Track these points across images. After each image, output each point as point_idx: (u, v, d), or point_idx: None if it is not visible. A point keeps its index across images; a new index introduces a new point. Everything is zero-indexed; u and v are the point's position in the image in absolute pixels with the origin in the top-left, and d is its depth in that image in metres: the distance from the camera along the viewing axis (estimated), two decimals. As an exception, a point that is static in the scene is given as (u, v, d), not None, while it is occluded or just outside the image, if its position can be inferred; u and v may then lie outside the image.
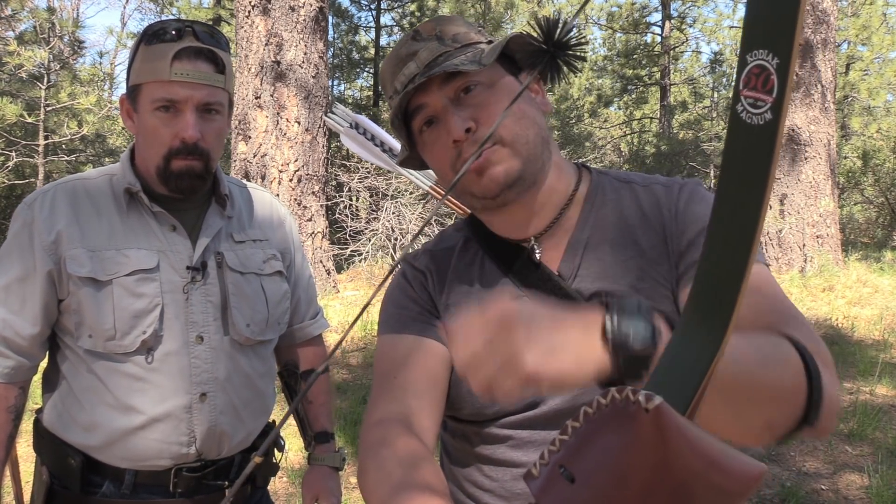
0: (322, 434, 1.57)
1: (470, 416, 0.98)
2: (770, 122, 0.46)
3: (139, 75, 1.24)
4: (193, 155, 1.25)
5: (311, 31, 7.21)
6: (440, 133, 0.93)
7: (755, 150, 0.47)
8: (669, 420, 0.43)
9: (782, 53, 0.45)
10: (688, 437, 0.43)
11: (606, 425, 0.47)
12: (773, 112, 0.46)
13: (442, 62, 0.91)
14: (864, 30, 15.08)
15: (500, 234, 0.99)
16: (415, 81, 0.91)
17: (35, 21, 11.53)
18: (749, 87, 0.46)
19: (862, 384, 4.87)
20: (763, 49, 0.46)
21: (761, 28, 0.46)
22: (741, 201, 0.47)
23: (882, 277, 8.60)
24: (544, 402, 0.93)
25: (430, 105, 0.93)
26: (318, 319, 1.60)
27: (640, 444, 0.44)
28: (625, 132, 19.81)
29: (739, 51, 0.49)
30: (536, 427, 0.95)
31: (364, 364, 5.34)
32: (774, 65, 0.46)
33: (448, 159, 0.93)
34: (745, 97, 0.47)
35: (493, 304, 0.72)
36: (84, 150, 12.53)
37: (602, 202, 0.98)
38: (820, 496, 3.27)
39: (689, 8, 18.31)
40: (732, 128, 0.48)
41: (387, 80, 0.98)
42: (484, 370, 0.71)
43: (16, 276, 1.26)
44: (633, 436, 0.45)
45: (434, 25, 0.95)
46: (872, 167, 13.43)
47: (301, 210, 7.23)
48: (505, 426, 0.96)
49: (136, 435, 1.25)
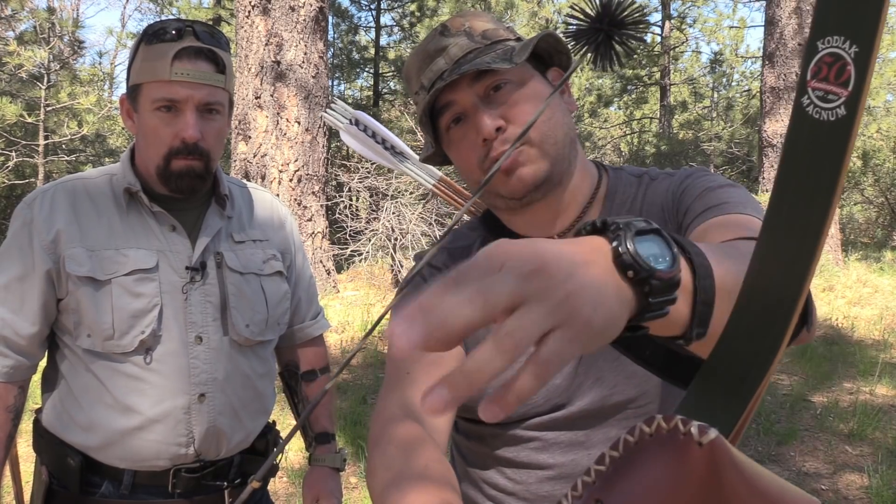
0: (323, 435, 1.57)
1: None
2: (844, 118, 0.40)
3: (139, 75, 1.24)
4: (194, 155, 1.25)
5: (311, 31, 7.21)
6: (468, 131, 0.91)
7: (823, 151, 0.40)
8: (725, 456, 0.38)
9: (863, 41, 0.39)
10: (745, 476, 0.37)
11: (650, 457, 0.40)
12: (847, 108, 0.40)
13: (472, 59, 0.89)
14: (864, 30, 15.06)
15: (522, 233, 0.98)
16: (444, 78, 0.89)
17: (35, 21, 11.52)
18: (819, 78, 0.40)
19: (862, 384, 4.87)
20: (839, 35, 0.40)
21: (838, 10, 0.39)
22: (803, 207, 0.41)
23: (882, 277, 8.60)
24: (571, 402, 0.92)
25: (459, 102, 0.91)
26: (318, 320, 1.60)
27: (689, 481, 0.39)
28: (625, 132, 19.80)
29: (809, 36, 0.42)
30: (562, 428, 0.94)
31: (364, 364, 5.34)
32: (852, 54, 0.39)
33: (475, 158, 0.91)
34: (814, 89, 0.41)
35: None
36: (84, 150, 12.52)
37: (621, 201, 0.97)
38: (820, 496, 3.27)
39: (689, 8, 18.31)
40: (796, 123, 0.41)
41: (412, 76, 0.97)
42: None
43: (15, 276, 1.26)
44: (681, 470, 0.39)
45: (463, 21, 0.94)
46: (872, 167, 13.42)
47: (301, 210, 7.23)
48: (529, 428, 0.94)
49: (134, 435, 1.25)
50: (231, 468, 1.37)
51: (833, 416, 4.28)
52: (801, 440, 3.91)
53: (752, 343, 0.42)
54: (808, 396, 4.64)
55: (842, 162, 0.39)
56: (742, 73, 18.83)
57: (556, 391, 0.92)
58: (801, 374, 5.14)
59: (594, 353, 0.88)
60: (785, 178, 0.42)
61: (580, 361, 0.92)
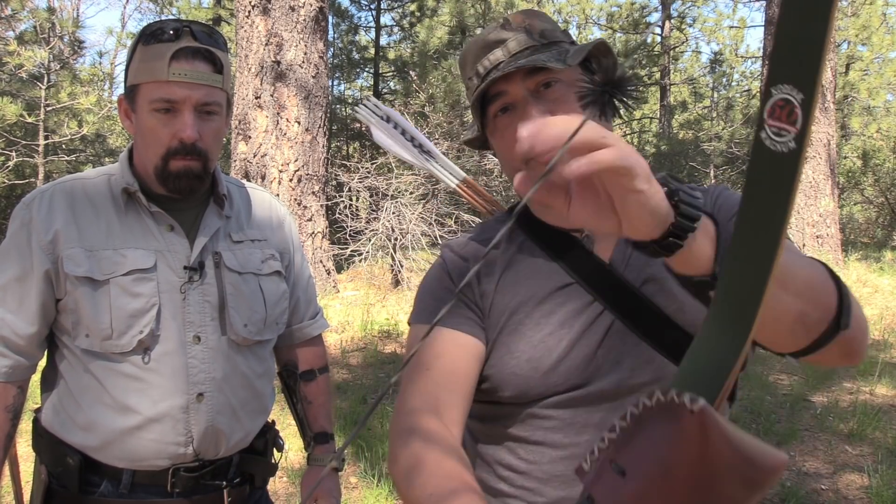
0: (321, 434, 1.57)
1: (511, 399, 0.98)
2: (794, 150, 0.49)
3: (137, 76, 1.24)
4: (192, 155, 1.25)
5: (311, 31, 7.20)
6: (514, 121, 0.96)
7: (778, 176, 0.50)
8: (711, 420, 0.47)
9: (807, 90, 0.49)
10: (727, 436, 0.47)
11: (652, 423, 0.50)
12: (796, 142, 0.49)
13: (528, 55, 0.95)
14: (863, 30, 15.06)
15: (554, 223, 1.02)
16: (501, 69, 0.95)
17: (35, 21, 11.52)
18: (774, 118, 0.50)
19: (862, 384, 4.87)
20: (788, 84, 0.50)
21: (787, 64, 0.50)
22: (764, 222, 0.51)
23: (882, 277, 8.60)
24: (590, 383, 0.96)
25: (511, 93, 0.96)
26: (317, 319, 1.60)
27: (684, 441, 0.48)
28: (625, 132, 19.80)
29: (765, 82, 0.52)
30: (579, 408, 0.96)
31: (364, 364, 5.34)
32: (799, 100, 0.49)
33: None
34: (770, 126, 0.50)
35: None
36: (84, 150, 12.52)
37: None
38: (820, 496, 3.27)
39: (689, 8, 18.31)
40: (756, 152, 0.51)
41: (468, 62, 1.02)
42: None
43: (13, 276, 1.26)
44: (677, 433, 0.48)
45: (524, 18, 0.99)
46: (872, 167, 13.42)
47: (301, 210, 7.22)
48: (546, 406, 0.97)
49: (133, 435, 1.25)
50: (230, 468, 1.37)
51: (833, 416, 4.27)
52: (801, 440, 3.91)
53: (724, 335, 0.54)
54: (808, 396, 4.64)
55: (794, 183, 0.50)
56: (742, 73, 18.84)
57: (575, 371, 0.96)
58: (801, 374, 5.14)
59: (614, 338, 0.95)
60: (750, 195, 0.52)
61: (600, 344, 0.96)
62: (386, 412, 4.19)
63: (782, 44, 0.50)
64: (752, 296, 0.52)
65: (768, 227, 0.51)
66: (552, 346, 0.96)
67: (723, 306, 0.54)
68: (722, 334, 0.54)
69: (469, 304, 1.01)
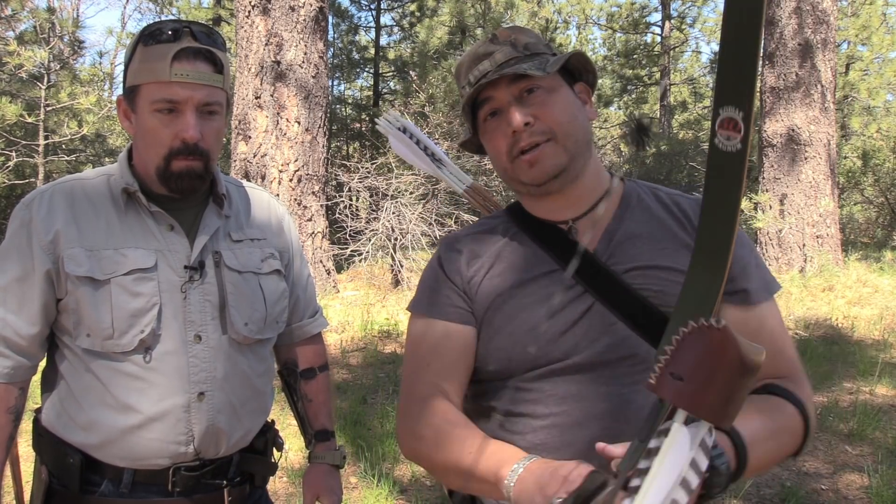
0: (322, 432, 1.57)
1: (495, 373, 1.11)
2: (740, 150, 0.72)
3: (137, 76, 1.24)
4: (194, 155, 1.25)
5: (311, 31, 7.21)
6: (501, 123, 1.10)
7: (731, 168, 0.74)
8: (730, 332, 0.72)
9: (745, 108, 0.71)
10: (738, 341, 0.72)
11: (693, 341, 0.73)
12: (742, 143, 0.72)
13: (513, 65, 1.08)
14: (863, 30, 15.07)
15: (541, 216, 1.16)
16: (488, 77, 1.08)
17: (35, 21, 11.52)
18: (723, 128, 0.73)
19: (862, 384, 4.87)
20: (731, 105, 0.72)
21: (729, 91, 0.72)
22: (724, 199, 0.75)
23: (882, 277, 8.60)
24: (568, 357, 1.07)
25: (497, 99, 1.09)
26: (317, 318, 1.60)
27: (718, 349, 0.72)
28: (625, 132, 19.79)
29: (713, 103, 0.75)
30: (558, 379, 1.07)
31: (364, 364, 5.34)
32: (740, 116, 0.72)
33: (505, 146, 1.10)
34: (720, 133, 0.73)
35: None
36: (84, 150, 12.52)
37: (637, 203, 1.16)
38: (820, 496, 3.27)
39: (689, 8, 18.31)
40: (713, 153, 0.74)
41: (462, 72, 1.15)
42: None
43: (14, 276, 1.26)
44: (713, 344, 0.72)
45: (510, 33, 1.13)
46: (872, 167, 13.42)
47: (301, 210, 7.23)
48: (528, 380, 1.09)
49: (134, 434, 1.25)
50: (230, 467, 1.37)
51: (833, 416, 4.28)
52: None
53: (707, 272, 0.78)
54: (807, 396, 4.64)
55: (742, 173, 0.73)
56: (742, 73, 18.80)
57: (554, 346, 1.07)
58: (800, 373, 5.14)
59: (593, 318, 1.07)
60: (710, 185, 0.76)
61: (578, 323, 1.07)
62: (386, 412, 4.19)
63: (722, 75, 0.72)
64: (723, 246, 0.76)
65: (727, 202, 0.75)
66: (534, 323, 1.08)
67: (702, 255, 0.78)
68: (705, 271, 0.78)
69: (458, 292, 1.14)
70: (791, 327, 6.50)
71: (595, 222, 1.13)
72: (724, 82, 0.71)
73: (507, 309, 1.09)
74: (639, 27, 18.66)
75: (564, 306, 1.07)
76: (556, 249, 1.12)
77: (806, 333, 6.25)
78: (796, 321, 6.60)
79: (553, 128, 1.07)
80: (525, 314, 1.08)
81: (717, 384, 0.72)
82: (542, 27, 15.71)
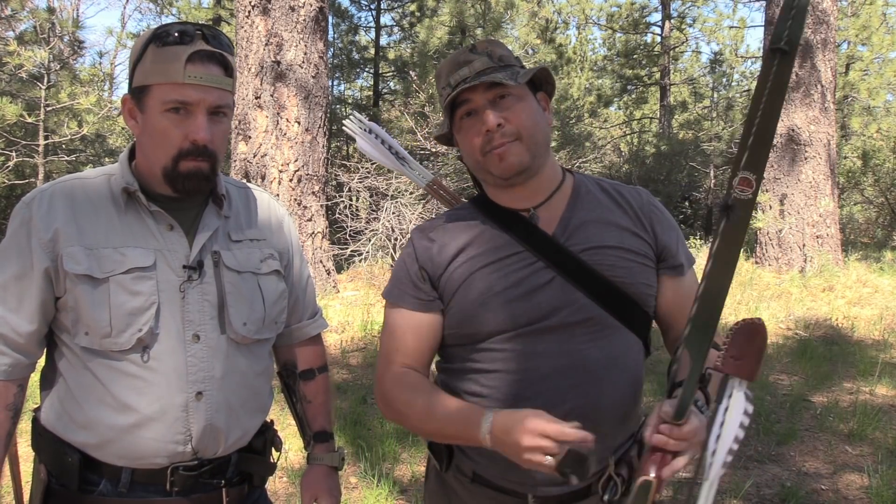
0: (321, 433, 1.57)
1: (469, 336, 1.30)
2: (750, 199, 1.04)
3: (149, 76, 1.24)
4: (202, 157, 1.27)
5: (311, 31, 7.21)
6: (475, 123, 1.28)
7: (743, 207, 1.05)
8: (762, 322, 1.11)
9: (759, 173, 1.04)
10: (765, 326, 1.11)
11: (742, 332, 1.10)
12: (752, 194, 1.05)
13: (489, 73, 1.26)
14: (863, 30, 15.06)
15: (505, 204, 1.35)
16: (467, 82, 1.26)
17: (35, 21, 11.51)
18: (741, 185, 1.04)
19: (862, 384, 4.87)
20: (748, 171, 1.03)
21: (750, 161, 1.03)
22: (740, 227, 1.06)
23: (882, 277, 8.60)
24: (536, 321, 1.27)
25: (474, 101, 1.27)
26: (316, 319, 1.60)
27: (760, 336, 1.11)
28: (625, 132, 19.80)
29: (732, 167, 1.04)
30: (527, 339, 1.27)
31: (364, 364, 5.34)
32: (754, 179, 1.04)
33: (479, 143, 1.28)
34: (737, 188, 1.04)
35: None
36: (84, 150, 12.51)
37: (586, 193, 1.37)
38: (820, 496, 3.27)
39: (689, 8, 18.30)
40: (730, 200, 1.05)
41: (442, 75, 1.33)
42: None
43: (13, 274, 1.26)
44: (757, 332, 1.10)
45: (487, 45, 1.31)
46: (872, 167, 13.42)
47: (301, 210, 7.23)
48: (499, 342, 1.28)
49: (132, 433, 1.25)
50: (228, 466, 1.37)
51: (833, 416, 4.27)
52: (801, 440, 3.91)
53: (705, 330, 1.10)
54: (808, 396, 4.64)
55: (750, 210, 1.04)
56: (742, 73, 18.82)
57: (522, 312, 1.27)
58: (801, 374, 5.14)
59: (554, 288, 1.27)
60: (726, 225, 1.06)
61: (541, 291, 1.27)
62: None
63: (745, 147, 1.03)
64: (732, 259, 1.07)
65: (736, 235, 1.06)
66: (505, 295, 1.27)
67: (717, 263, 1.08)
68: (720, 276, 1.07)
69: (428, 279, 1.33)
70: (791, 327, 6.50)
71: (552, 210, 1.33)
72: (749, 154, 1.02)
73: (479, 285, 1.28)
74: (639, 27, 18.65)
75: (529, 278, 1.28)
76: (520, 233, 1.31)
77: (806, 333, 6.24)
78: (796, 321, 6.60)
79: (520, 130, 1.26)
80: (497, 287, 1.27)
81: (759, 356, 1.09)
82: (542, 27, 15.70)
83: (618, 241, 1.30)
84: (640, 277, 1.31)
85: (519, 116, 1.26)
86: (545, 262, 1.28)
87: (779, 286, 8.10)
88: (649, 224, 1.35)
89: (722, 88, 18.69)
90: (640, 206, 1.36)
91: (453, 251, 1.32)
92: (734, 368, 1.08)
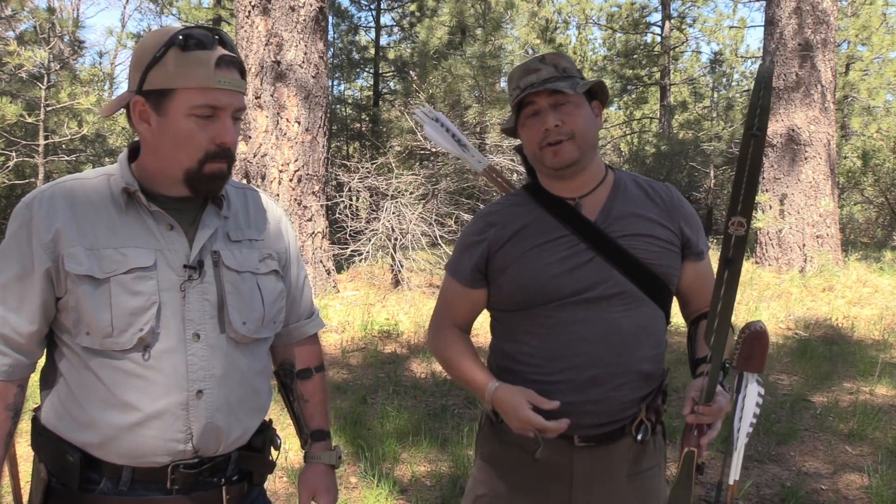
0: (318, 432, 1.57)
1: (522, 303, 1.54)
2: (743, 236, 1.28)
3: (173, 80, 1.24)
4: (226, 159, 1.30)
5: (311, 31, 7.21)
6: (537, 122, 1.52)
7: (738, 247, 1.29)
8: (766, 329, 1.44)
9: (748, 217, 1.27)
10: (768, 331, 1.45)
11: (751, 335, 1.43)
12: (745, 231, 1.27)
13: (553, 82, 1.49)
14: (863, 30, 15.06)
15: (555, 193, 1.58)
16: (534, 87, 1.49)
17: (35, 21, 11.51)
18: (735, 225, 1.28)
19: (862, 384, 4.87)
20: (740, 216, 1.27)
21: (741, 207, 1.26)
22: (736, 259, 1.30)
23: (882, 277, 8.60)
24: (579, 293, 1.51)
25: (538, 104, 1.51)
26: (314, 318, 1.61)
27: (764, 337, 1.44)
28: (625, 132, 19.81)
29: (728, 210, 1.29)
30: (569, 308, 1.50)
31: (364, 364, 5.34)
32: (745, 221, 1.27)
33: (538, 138, 1.52)
34: (734, 227, 1.28)
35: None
36: (84, 150, 12.51)
37: (624, 188, 1.61)
38: (820, 496, 3.27)
39: (689, 8, 18.30)
40: (728, 239, 1.29)
41: (513, 79, 1.56)
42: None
43: (14, 275, 1.26)
44: (758, 338, 1.43)
45: (554, 58, 1.55)
46: (872, 167, 13.41)
47: (301, 210, 7.23)
48: (547, 310, 1.51)
49: (132, 432, 1.25)
50: (228, 465, 1.37)
51: (833, 416, 4.27)
52: (801, 440, 3.91)
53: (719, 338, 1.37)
54: (808, 396, 4.64)
55: (744, 247, 1.30)
56: (742, 73, 18.81)
57: (567, 285, 1.50)
58: (801, 374, 5.14)
59: (595, 266, 1.51)
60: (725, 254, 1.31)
61: (584, 268, 1.51)
62: (386, 412, 4.19)
63: (736, 197, 1.26)
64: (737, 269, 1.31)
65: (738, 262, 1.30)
66: (552, 270, 1.51)
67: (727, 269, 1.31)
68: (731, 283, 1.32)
69: (482, 256, 1.59)
70: (791, 327, 6.50)
71: (594, 200, 1.57)
72: (738, 201, 1.26)
73: (530, 260, 1.53)
74: (639, 27, 18.66)
75: (573, 256, 1.52)
76: (566, 218, 1.55)
77: (806, 333, 6.24)
78: (796, 321, 6.60)
79: (574, 131, 1.49)
80: (544, 263, 1.51)
81: (764, 353, 1.44)
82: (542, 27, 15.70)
83: (649, 230, 1.55)
84: (667, 260, 1.55)
85: (575, 120, 1.49)
86: (586, 244, 1.52)
87: (779, 286, 8.10)
88: (676, 218, 1.59)
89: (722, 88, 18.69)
90: (669, 201, 1.60)
91: (511, 231, 1.56)
92: (746, 365, 1.44)
